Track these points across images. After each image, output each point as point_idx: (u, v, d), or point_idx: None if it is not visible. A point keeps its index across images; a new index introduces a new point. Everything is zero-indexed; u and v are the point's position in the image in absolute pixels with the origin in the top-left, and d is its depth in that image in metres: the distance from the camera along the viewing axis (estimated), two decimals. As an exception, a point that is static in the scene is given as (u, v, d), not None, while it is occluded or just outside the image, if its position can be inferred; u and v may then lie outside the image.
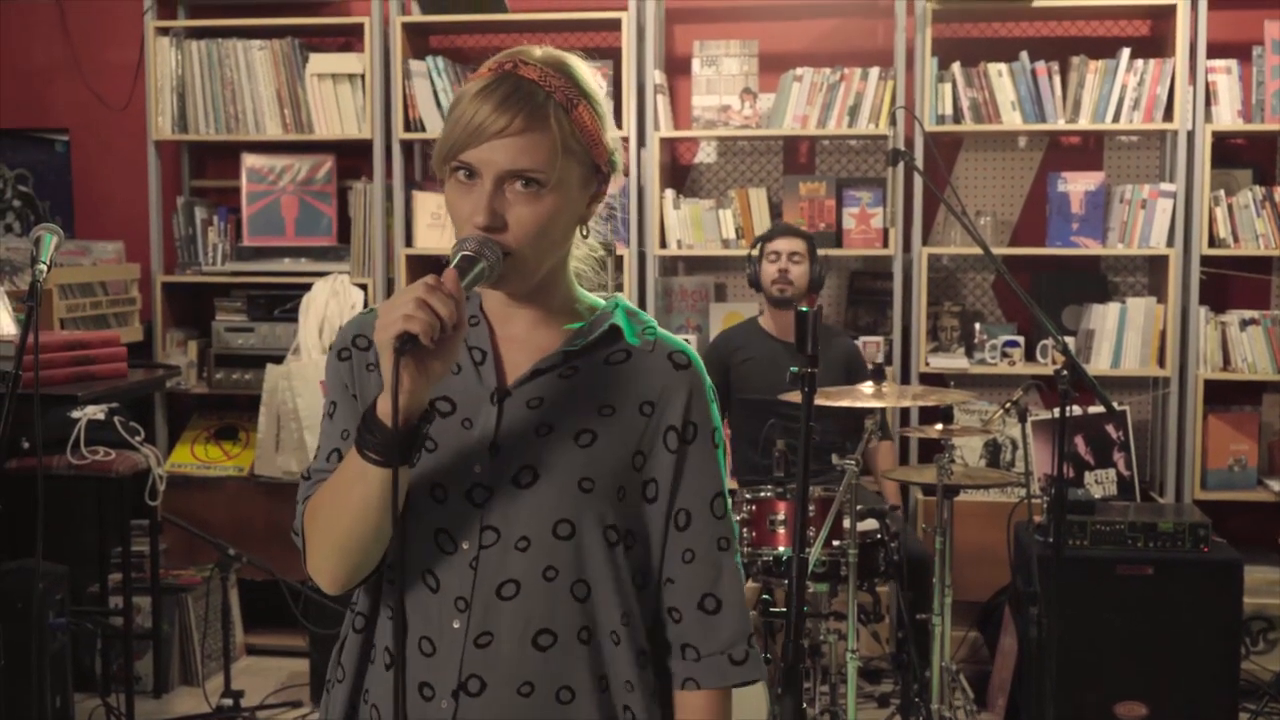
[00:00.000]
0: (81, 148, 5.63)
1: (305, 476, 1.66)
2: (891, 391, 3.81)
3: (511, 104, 1.49)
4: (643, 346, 1.63)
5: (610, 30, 5.16)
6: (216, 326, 5.19)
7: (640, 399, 1.60)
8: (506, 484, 1.55)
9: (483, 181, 1.50)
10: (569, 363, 1.59)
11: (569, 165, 1.52)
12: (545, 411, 1.57)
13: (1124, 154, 5.09)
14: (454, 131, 1.51)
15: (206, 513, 5.00)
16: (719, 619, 1.63)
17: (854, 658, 3.63)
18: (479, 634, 1.55)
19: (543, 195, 1.51)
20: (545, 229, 1.52)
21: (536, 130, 1.49)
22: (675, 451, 1.61)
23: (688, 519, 1.62)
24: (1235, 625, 4.10)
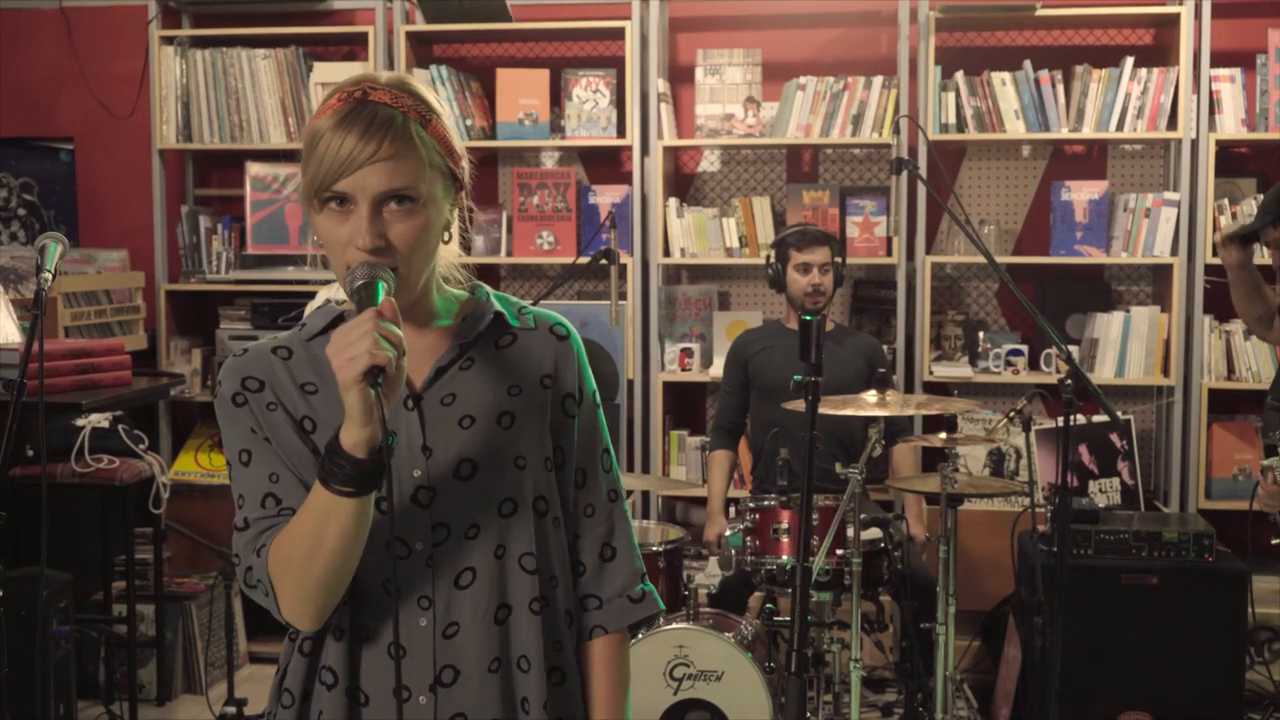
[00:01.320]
0: (86, 156, 5.64)
1: (240, 527, 1.68)
2: (895, 400, 3.81)
3: (376, 130, 1.55)
4: (524, 326, 1.73)
5: (614, 39, 5.16)
6: (220, 335, 5.20)
7: (539, 373, 1.71)
8: (449, 480, 1.63)
9: (359, 207, 1.56)
10: (465, 355, 1.69)
11: (434, 178, 1.60)
12: (460, 404, 1.66)
13: (1128, 163, 5.09)
14: (322, 165, 1.56)
15: (210, 521, 5.00)
16: (615, 565, 1.76)
17: (858, 667, 3.63)
18: (446, 626, 1.63)
19: (417, 211, 1.58)
20: (423, 241, 1.60)
21: (403, 152, 1.56)
22: (573, 416, 1.73)
23: (584, 477, 1.75)
24: (1240, 635, 4.09)
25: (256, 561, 1.65)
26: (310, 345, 1.69)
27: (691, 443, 5.08)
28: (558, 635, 1.70)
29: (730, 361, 4.52)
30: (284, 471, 1.65)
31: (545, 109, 5.05)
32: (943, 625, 3.74)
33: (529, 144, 5.11)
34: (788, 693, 1.96)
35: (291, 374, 1.68)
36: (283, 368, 1.68)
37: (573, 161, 5.33)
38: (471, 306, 1.72)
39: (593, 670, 1.75)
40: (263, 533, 1.65)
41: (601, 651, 1.76)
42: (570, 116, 5.06)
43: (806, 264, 4.33)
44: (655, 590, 1.80)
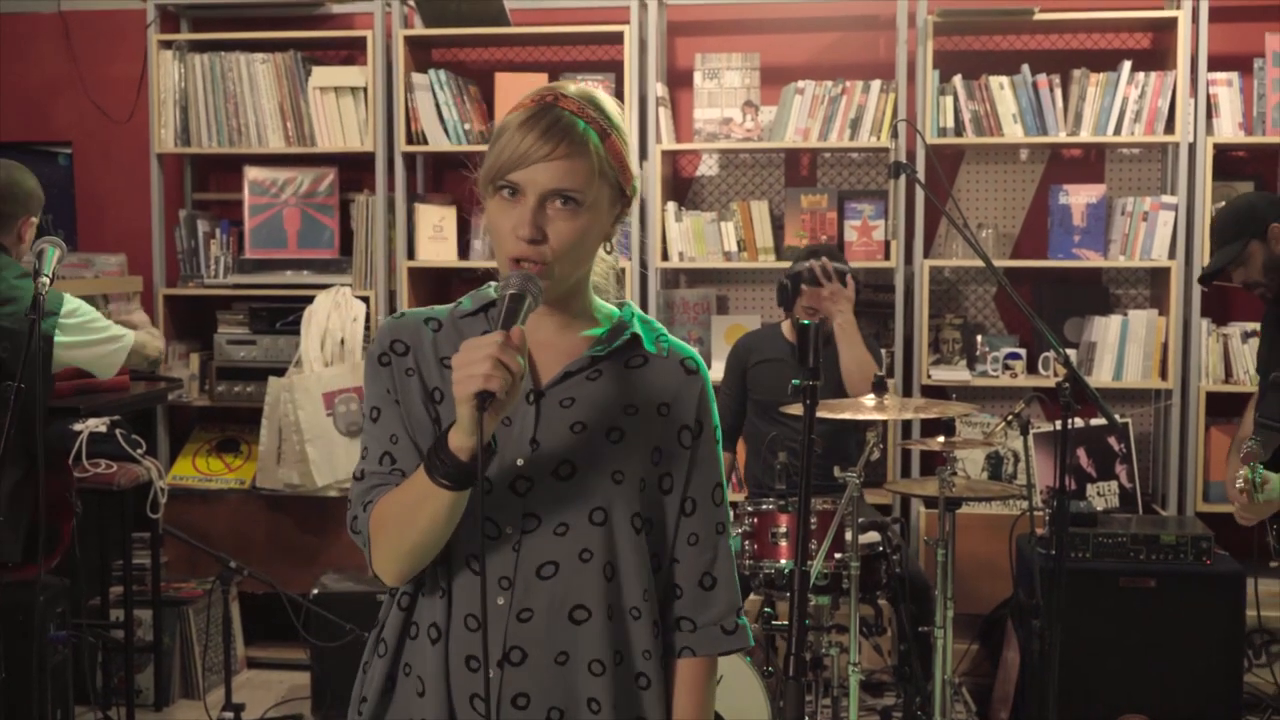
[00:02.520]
0: (84, 161, 5.64)
1: (358, 476, 1.81)
2: (893, 404, 3.81)
3: (555, 132, 1.69)
4: (658, 353, 1.83)
5: (612, 43, 5.17)
6: (218, 339, 5.19)
7: (658, 400, 1.80)
8: (547, 476, 1.74)
9: (526, 199, 1.69)
10: (595, 366, 1.78)
11: (602, 187, 1.72)
12: (577, 410, 1.76)
13: (1125, 166, 5.10)
14: (501, 155, 1.70)
15: (208, 525, 4.99)
16: (714, 595, 1.83)
17: (856, 671, 3.62)
18: (521, 610, 1.73)
19: (579, 213, 1.70)
20: (580, 242, 1.71)
21: (577, 156, 1.69)
22: (688, 448, 1.82)
23: (694, 506, 1.82)
24: (1238, 638, 4.10)
25: (362, 514, 1.77)
26: (459, 323, 1.81)
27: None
28: (645, 645, 1.78)
29: (731, 364, 4.51)
30: (404, 435, 1.77)
31: (543, 113, 5.05)
32: (941, 629, 3.74)
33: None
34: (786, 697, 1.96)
35: (436, 345, 1.79)
36: (430, 338, 1.80)
37: (571, 165, 5.31)
38: (615, 324, 1.82)
39: (676, 689, 1.83)
40: (373, 488, 1.76)
41: (687, 672, 1.83)
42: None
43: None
44: (749, 626, 1.87)
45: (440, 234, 5.13)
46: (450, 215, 5.16)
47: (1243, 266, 3.79)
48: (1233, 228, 3.79)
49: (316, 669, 4.40)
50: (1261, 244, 3.74)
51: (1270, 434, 3.70)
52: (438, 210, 5.14)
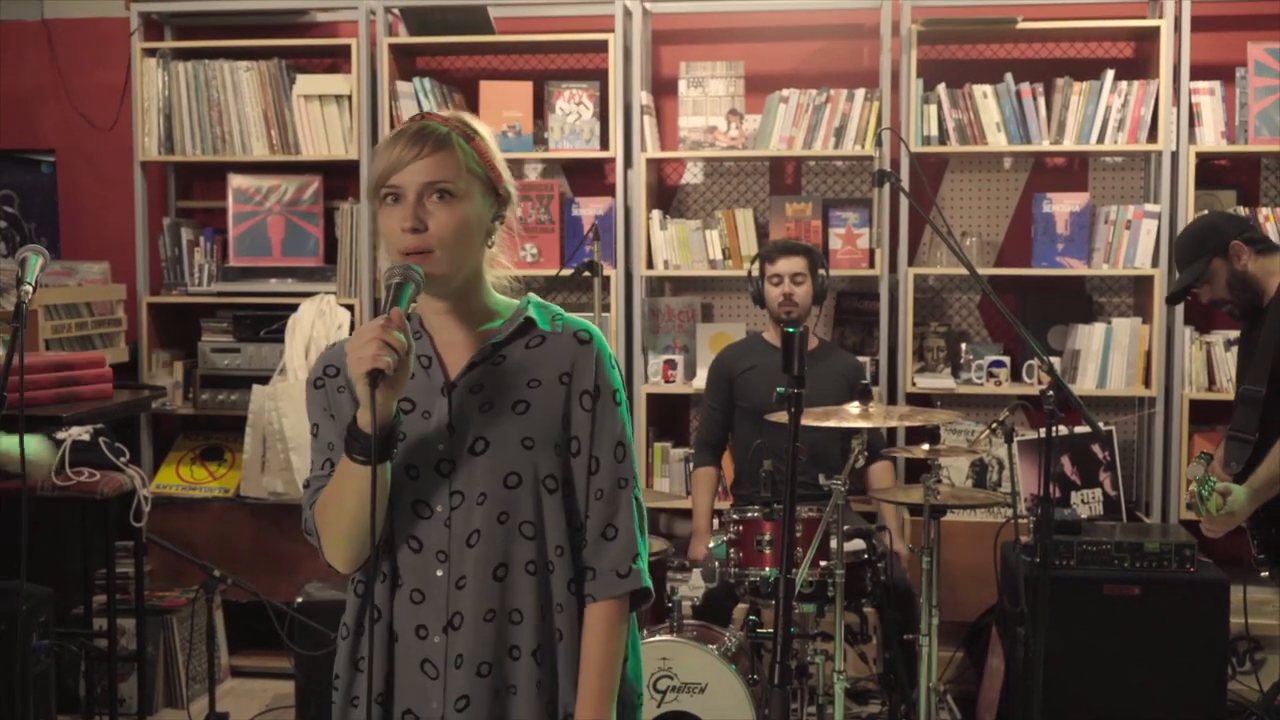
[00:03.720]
0: (68, 169, 5.62)
1: (306, 485, 2.03)
2: (878, 412, 3.81)
3: (421, 136, 1.92)
4: (553, 330, 2.02)
5: (597, 51, 5.17)
6: (202, 347, 5.18)
7: (559, 371, 1.99)
8: (465, 454, 1.94)
9: (406, 198, 1.90)
10: (498, 352, 1.99)
11: (472, 182, 1.94)
12: (485, 393, 1.97)
13: (1108, 175, 5.12)
14: (379, 167, 1.92)
15: (192, 534, 4.98)
16: (614, 544, 1.99)
17: (841, 679, 3.63)
18: (458, 578, 1.93)
19: (454, 203, 1.91)
20: (459, 230, 1.92)
21: (443, 151, 1.92)
22: (589, 410, 1.99)
23: (597, 465, 2.00)
24: (1222, 645, 4.11)
25: (309, 515, 1.99)
26: None
27: (675, 455, 5.08)
28: (558, 598, 1.96)
29: (713, 378, 4.52)
30: (339, 443, 1.94)
31: (528, 121, 5.06)
32: (926, 636, 3.74)
33: (512, 156, 5.10)
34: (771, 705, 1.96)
35: None
36: None
37: (556, 174, 5.33)
38: (514, 312, 2.03)
39: (585, 633, 1.98)
40: (316, 490, 1.98)
41: (593, 617, 1.98)
42: (553, 129, 5.06)
43: (778, 275, 4.36)
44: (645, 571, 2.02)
45: (425, 242, 5.12)
46: (435, 223, 5.15)
47: (1208, 284, 3.84)
48: (1194, 247, 3.84)
49: (300, 677, 4.38)
50: (1224, 261, 3.79)
51: (1240, 446, 3.73)
52: (423, 218, 5.14)
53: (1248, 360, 3.90)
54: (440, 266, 1.91)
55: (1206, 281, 3.83)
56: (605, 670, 1.97)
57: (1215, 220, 3.93)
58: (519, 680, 1.95)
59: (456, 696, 1.93)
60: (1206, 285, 3.84)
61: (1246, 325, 3.96)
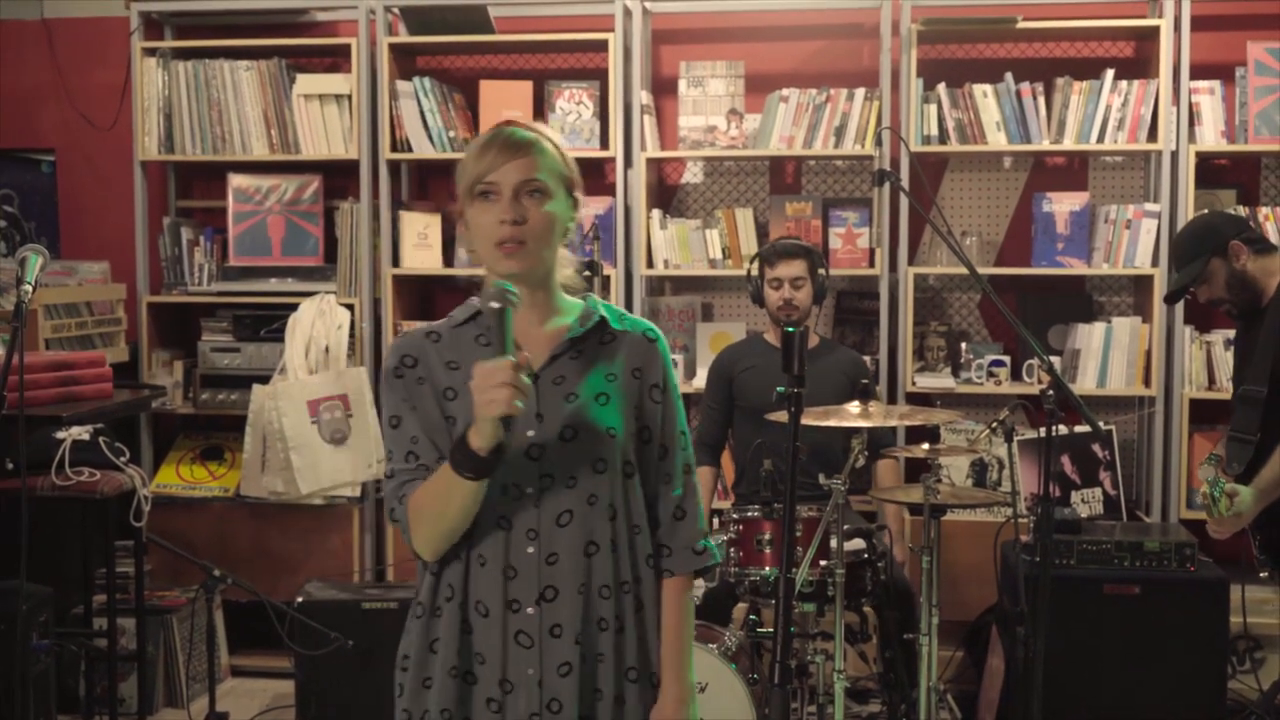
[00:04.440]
0: (67, 168, 5.62)
1: (389, 475, 2.16)
2: (878, 411, 3.81)
3: (515, 140, 2.11)
4: (623, 329, 2.21)
5: (597, 51, 5.17)
6: (202, 347, 5.18)
7: (632, 366, 2.19)
8: (555, 440, 2.10)
9: (503, 195, 2.09)
10: (575, 347, 2.17)
11: (558, 184, 2.14)
12: (568, 384, 2.14)
13: (1108, 174, 5.12)
14: (474, 169, 2.10)
15: (192, 533, 4.98)
16: (685, 524, 2.21)
17: (841, 678, 3.63)
18: (548, 555, 2.10)
19: (545, 201, 2.11)
20: (549, 225, 2.11)
21: (536, 155, 2.11)
22: (659, 402, 2.20)
23: (665, 452, 2.21)
24: (1221, 644, 4.11)
25: (399, 507, 2.12)
26: (455, 331, 2.19)
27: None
28: (637, 572, 2.16)
29: (713, 378, 4.52)
30: (422, 436, 2.12)
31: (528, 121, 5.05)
32: (926, 636, 3.74)
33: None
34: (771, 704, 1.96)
35: (439, 353, 2.16)
36: (433, 348, 2.17)
37: (556, 173, 5.32)
38: (584, 311, 2.20)
39: (664, 605, 2.19)
40: (404, 483, 2.11)
41: (671, 590, 2.20)
42: (553, 128, 5.06)
43: (778, 280, 4.34)
44: (714, 547, 2.24)
45: (425, 241, 5.12)
46: (435, 223, 5.16)
47: (1206, 284, 3.84)
48: (1193, 246, 3.84)
49: (301, 677, 4.38)
50: (1222, 260, 3.79)
51: (1241, 446, 3.72)
52: (422, 218, 5.14)
53: (1245, 360, 3.90)
54: (529, 259, 2.10)
55: (1205, 281, 3.83)
56: (688, 636, 2.21)
57: (1213, 220, 3.93)
58: (605, 649, 2.13)
59: (559, 663, 2.09)
60: (1205, 285, 3.84)
61: (1243, 325, 3.96)
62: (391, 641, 2.29)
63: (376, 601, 4.38)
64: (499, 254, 2.09)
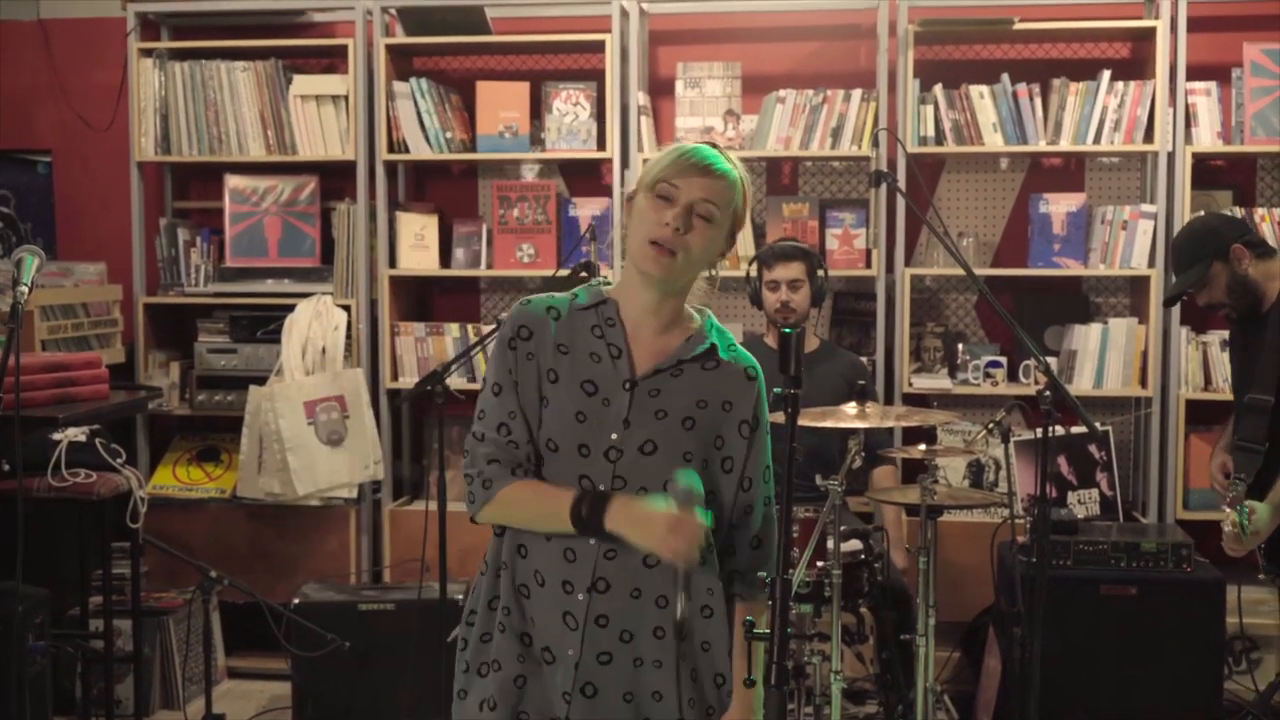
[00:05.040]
0: (64, 169, 5.62)
1: (477, 436, 2.24)
2: (875, 412, 3.81)
3: (714, 164, 2.19)
4: (728, 359, 2.28)
5: (594, 52, 5.17)
6: (199, 348, 5.18)
7: (724, 399, 2.25)
8: (634, 450, 2.18)
9: (678, 202, 2.16)
10: (678, 365, 2.24)
11: (727, 218, 2.21)
12: (661, 400, 2.21)
13: (1105, 175, 5.12)
14: (666, 168, 2.18)
15: (188, 535, 4.97)
16: (759, 553, 2.29)
17: (838, 679, 3.63)
18: (607, 550, 2.17)
19: (711, 227, 2.18)
20: (704, 249, 2.19)
21: (723, 181, 2.19)
22: (746, 439, 2.26)
23: (750, 484, 2.27)
24: (1218, 645, 4.11)
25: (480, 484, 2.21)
26: (576, 314, 2.25)
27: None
28: (708, 584, 2.23)
29: None
30: (519, 413, 2.21)
31: (525, 122, 5.06)
32: (923, 637, 3.74)
33: (509, 157, 5.10)
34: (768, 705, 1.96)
35: (554, 332, 2.23)
36: (550, 326, 2.24)
37: (553, 174, 5.33)
38: (697, 333, 2.27)
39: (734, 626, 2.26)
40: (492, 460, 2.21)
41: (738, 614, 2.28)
42: (550, 129, 5.06)
43: (775, 282, 4.35)
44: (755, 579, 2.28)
45: (422, 242, 5.12)
46: (432, 224, 5.16)
47: (1206, 288, 3.82)
48: (1194, 250, 3.82)
49: (297, 679, 4.39)
50: (1224, 264, 3.77)
51: (1250, 456, 3.70)
52: (419, 219, 5.14)
53: (1243, 365, 3.89)
54: (672, 270, 2.17)
55: (1205, 285, 3.81)
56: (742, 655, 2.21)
57: (1214, 223, 3.91)
58: (664, 656, 2.19)
59: (599, 651, 2.18)
60: (1205, 289, 3.83)
61: (1239, 330, 3.95)
62: (388, 643, 2.32)
63: (373, 603, 4.38)
64: (649, 251, 2.16)
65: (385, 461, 5.06)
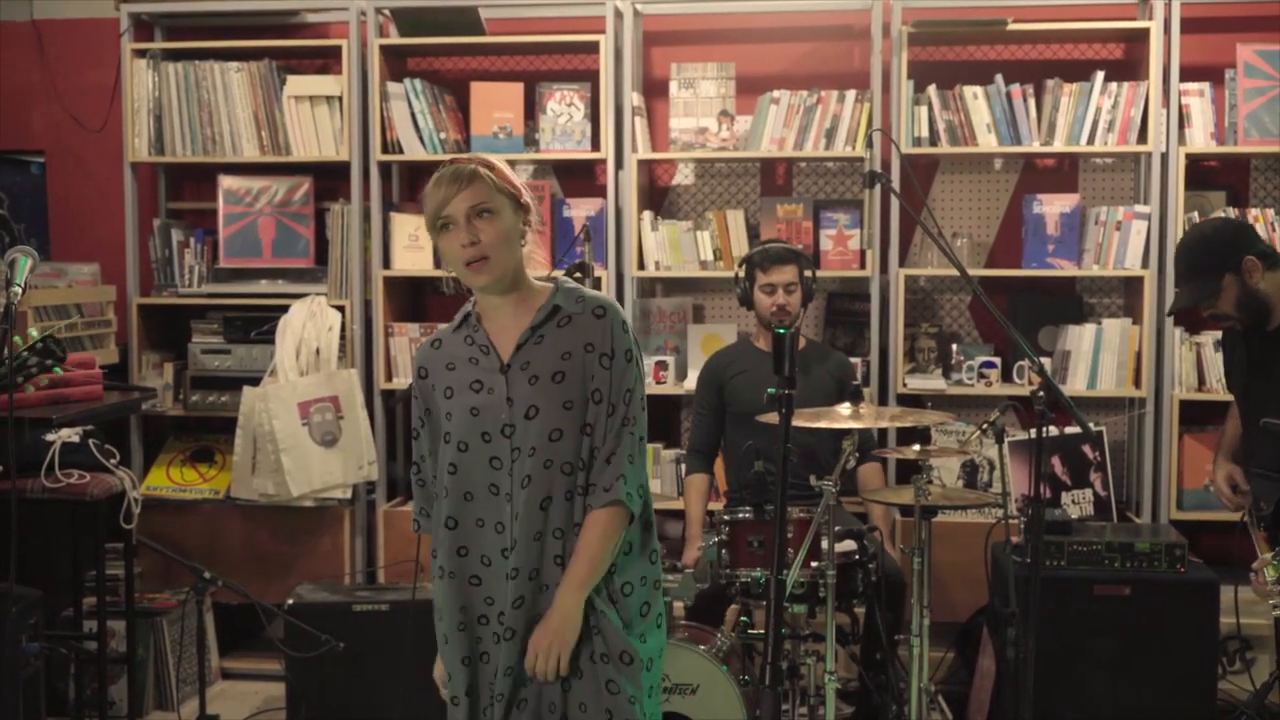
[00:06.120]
0: (58, 170, 5.61)
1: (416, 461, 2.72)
2: (869, 412, 3.82)
3: (458, 175, 2.54)
4: (577, 309, 2.59)
5: (588, 53, 5.17)
6: (193, 349, 5.17)
7: (584, 341, 2.57)
8: (521, 419, 2.55)
9: (458, 223, 2.52)
10: (536, 333, 2.58)
11: (502, 200, 2.55)
12: (531, 368, 2.56)
13: (1098, 176, 5.13)
14: (432, 207, 2.54)
15: (182, 536, 4.97)
16: (609, 467, 2.56)
17: (832, 679, 3.63)
18: (517, 512, 2.55)
19: (494, 219, 2.53)
20: (502, 238, 2.53)
21: (475, 183, 2.53)
22: (607, 368, 2.57)
23: (612, 409, 2.58)
24: (1212, 645, 4.11)
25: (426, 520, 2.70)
26: (450, 337, 2.64)
27: (666, 456, 5.07)
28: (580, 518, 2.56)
29: (703, 384, 4.52)
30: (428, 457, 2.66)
31: (519, 122, 5.06)
32: (917, 637, 3.74)
33: (503, 157, 5.08)
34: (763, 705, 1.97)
35: (442, 357, 2.63)
36: (436, 356, 2.64)
37: (547, 175, 5.33)
38: (547, 299, 2.58)
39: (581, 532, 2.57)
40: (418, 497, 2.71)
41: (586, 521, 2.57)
42: (544, 130, 5.06)
43: (771, 285, 4.35)
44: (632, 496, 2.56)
45: (416, 243, 5.12)
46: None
47: (1214, 300, 3.67)
48: (1206, 260, 3.66)
49: (291, 680, 4.38)
50: (1235, 277, 3.62)
51: (1270, 484, 3.64)
52: (413, 219, 5.13)
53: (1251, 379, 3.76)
54: (494, 270, 2.51)
55: (1214, 297, 3.66)
56: (584, 559, 2.53)
57: (1226, 232, 3.75)
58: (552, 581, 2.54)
59: (514, 598, 2.54)
60: (1213, 301, 3.67)
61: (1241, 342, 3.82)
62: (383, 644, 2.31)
63: (367, 604, 4.37)
64: (469, 272, 2.51)
65: (379, 462, 5.06)
